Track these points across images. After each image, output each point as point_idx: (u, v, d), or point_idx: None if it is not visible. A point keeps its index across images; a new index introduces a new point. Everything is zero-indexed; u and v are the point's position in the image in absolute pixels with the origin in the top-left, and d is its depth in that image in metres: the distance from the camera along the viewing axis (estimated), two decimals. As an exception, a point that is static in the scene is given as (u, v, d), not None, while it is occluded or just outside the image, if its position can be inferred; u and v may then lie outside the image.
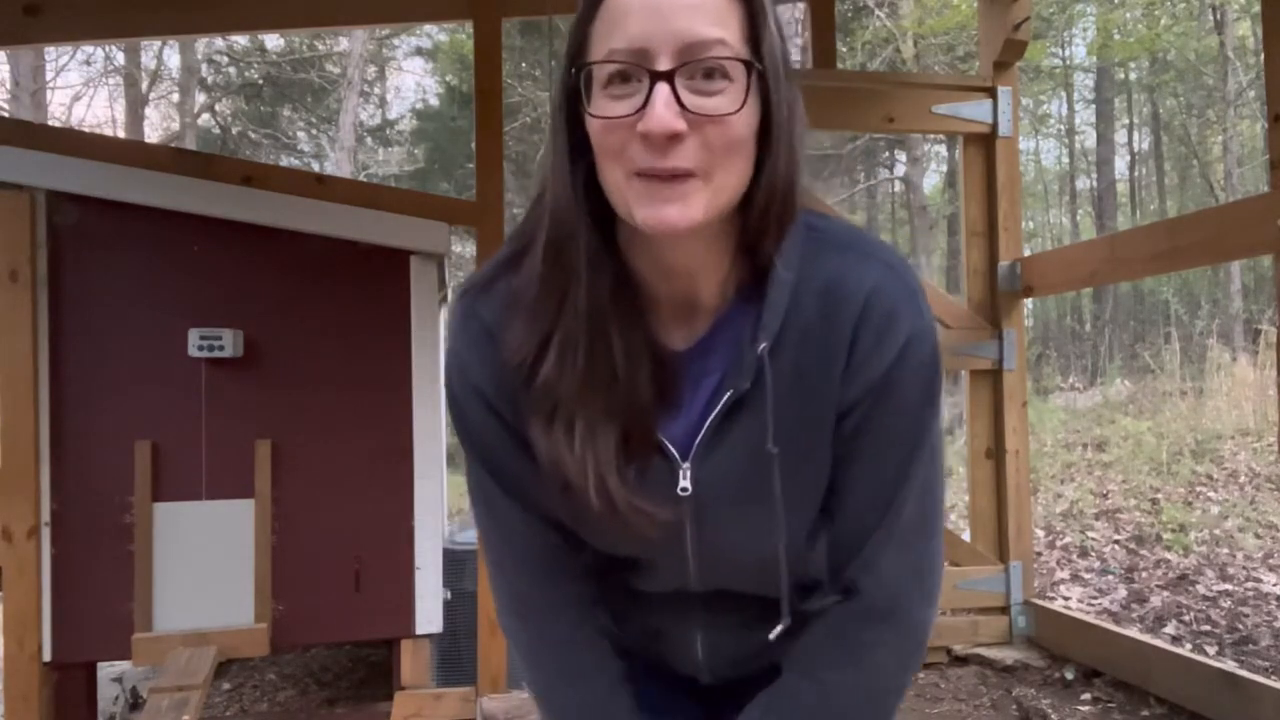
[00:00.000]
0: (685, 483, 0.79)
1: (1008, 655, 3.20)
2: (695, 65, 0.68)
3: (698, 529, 0.82)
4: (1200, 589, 3.98)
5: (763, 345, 0.76)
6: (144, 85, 13.14)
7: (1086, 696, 2.85)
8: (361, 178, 12.95)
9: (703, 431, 0.79)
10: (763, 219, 0.74)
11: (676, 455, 0.79)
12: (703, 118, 0.68)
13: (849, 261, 0.78)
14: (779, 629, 0.84)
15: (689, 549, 0.84)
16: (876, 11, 12.45)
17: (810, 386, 0.78)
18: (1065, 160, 19.41)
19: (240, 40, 12.87)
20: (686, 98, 0.67)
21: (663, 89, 0.67)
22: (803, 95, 0.77)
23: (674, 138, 0.68)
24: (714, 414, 0.78)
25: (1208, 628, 3.54)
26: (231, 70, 13.92)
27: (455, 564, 3.39)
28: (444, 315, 4.39)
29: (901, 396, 0.78)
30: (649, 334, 0.80)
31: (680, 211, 0.69)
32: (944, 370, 0.84)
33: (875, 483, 0.81)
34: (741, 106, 0.69)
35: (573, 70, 0.73)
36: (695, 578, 0.87)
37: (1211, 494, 5.31)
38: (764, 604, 0.85)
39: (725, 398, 0.77)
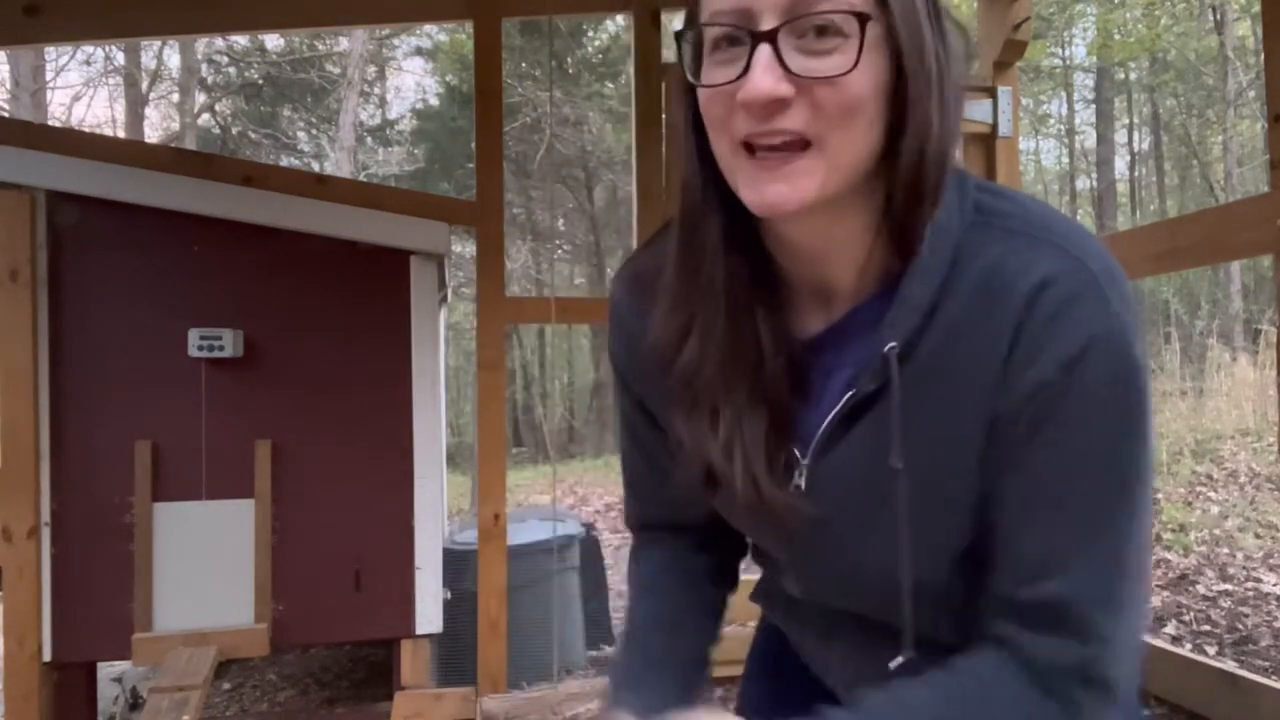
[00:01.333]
0: (799, 480, 0.72)
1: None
2: (803, 22, 0.60)
3: (807, 533, 0.74)
4: (1200, 589, 3.98)
5: (889, 345, 0.65)
6: (144, 85, 13.14)
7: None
8: (361, 178, 12.95)
9: (822, 429, 0.71)
10: (910, 189, 0.64)
11: (796, 451, 0.73)
12: (811, 80, 0.60)
13: (1015, 248, 0.64)
14: (899, 660, 0.71)
15: (797, 552, 0.77)
16: (876, 11, 12.42)
17: (955, 395, 0.65)
18: (1065, 160, 19.43)
19: (240, 40, 12.87)
20: (792, 59, 0.60)
21: (764, 51, 0.60)
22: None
23: (777, 104, 0.60)
24: (833, 413, 0.70)
25: (1208, 628, 3.53)
26: (231, 70, 13.92)
27: (455, 564, 3.39)
28: (444, 315, 4.38)
29: (1086, 416, 0.61)
30: (784, 320, 0.73)
31: (789, 190, 0.62)
32: (1148, 387, 0.64)
33: (1054, 524, 0.63)
34: (854, 65, 0.60)
35: (681, 35, 0.66)
36: (805, 588, 0.81)
37: (1211, 494, 5.32)
38: (892, 633, 0.73)
39: (846, 397, 0.69)
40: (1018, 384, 0.63)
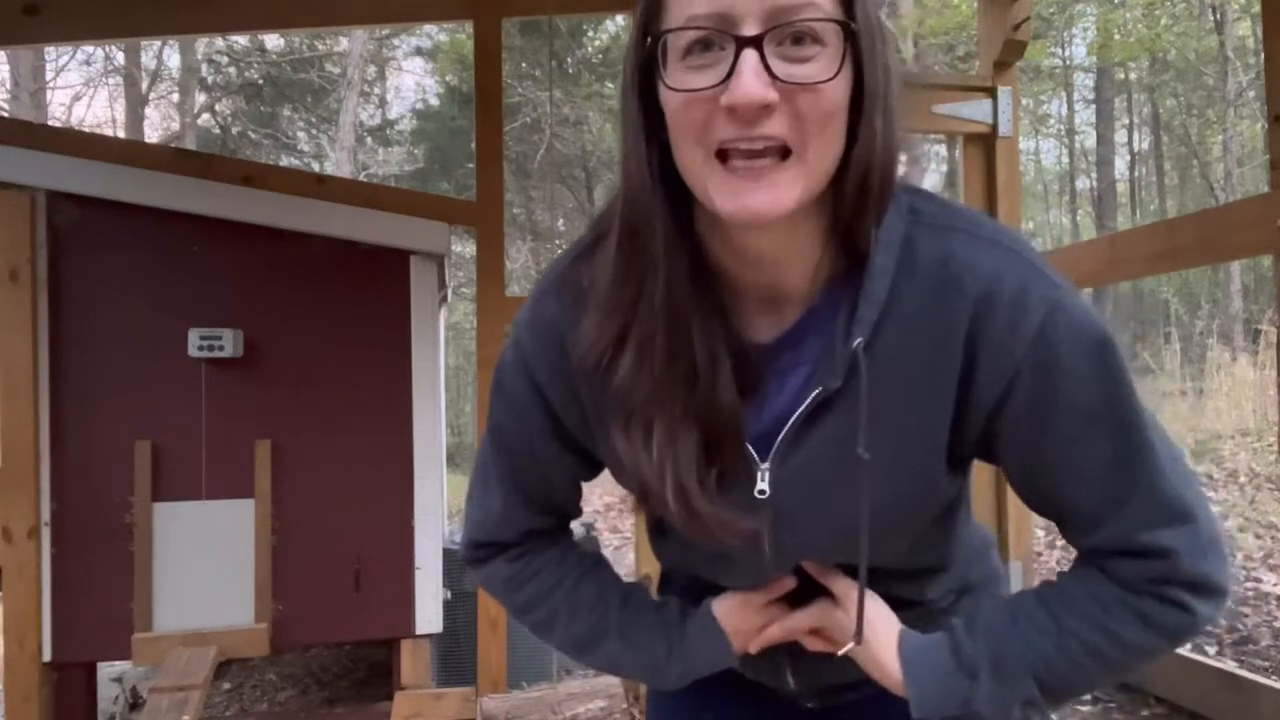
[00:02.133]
0: (763, 485, 0.74)
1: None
2: (785, 29, 0.61)
3: (775, 534, 0.76)
4: (1200, 589, 3.98)
5: (858, 341, 0.68)
6: (144, 85, 13.13)
7: (1086, 696, 2.85)
8: (361, 178, 12.94)
9: (785, 431, 0.72)
10: (860, 198, 0.67)
11: (755, 455, 0.73)
12: (794, 87, 0.61)
13: (958, 245, 0.69)
14: (850, 646, 0.78)
15: (766, 554, 0.78)
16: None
17: (914, 386, 0.70)
18: (1065, 160, 19.42)
19: (240, 40, 12.86)
20: (776, 65, 0.61)
21: (751, 56, 0.60)
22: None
23: (763, 110, 0.61)
24: (799, 412, 0.71)
25: (1208, 628, 3.53)
26: (231, 70, 13.91)
27: (455, 564, 3.39)
28: (444, 315, 4.38)
29: (1071, 375, 0.68)
30: (730, 327, 0.73)
31: (770, 199, 0.63)
32: (1107, 329, 0.71)
33: (1088, 477, 0.71)
34: (836, 73, 0.62)
35: (647, 39, 0.66)
36: (752, 584, 0.83)
37: (1211, 494, 5.32)
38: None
39: (813, 396, 0.70)
40: (995, 372, 0.69)
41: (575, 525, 0.96)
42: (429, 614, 2.97)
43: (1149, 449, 0.70)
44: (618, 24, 13.16)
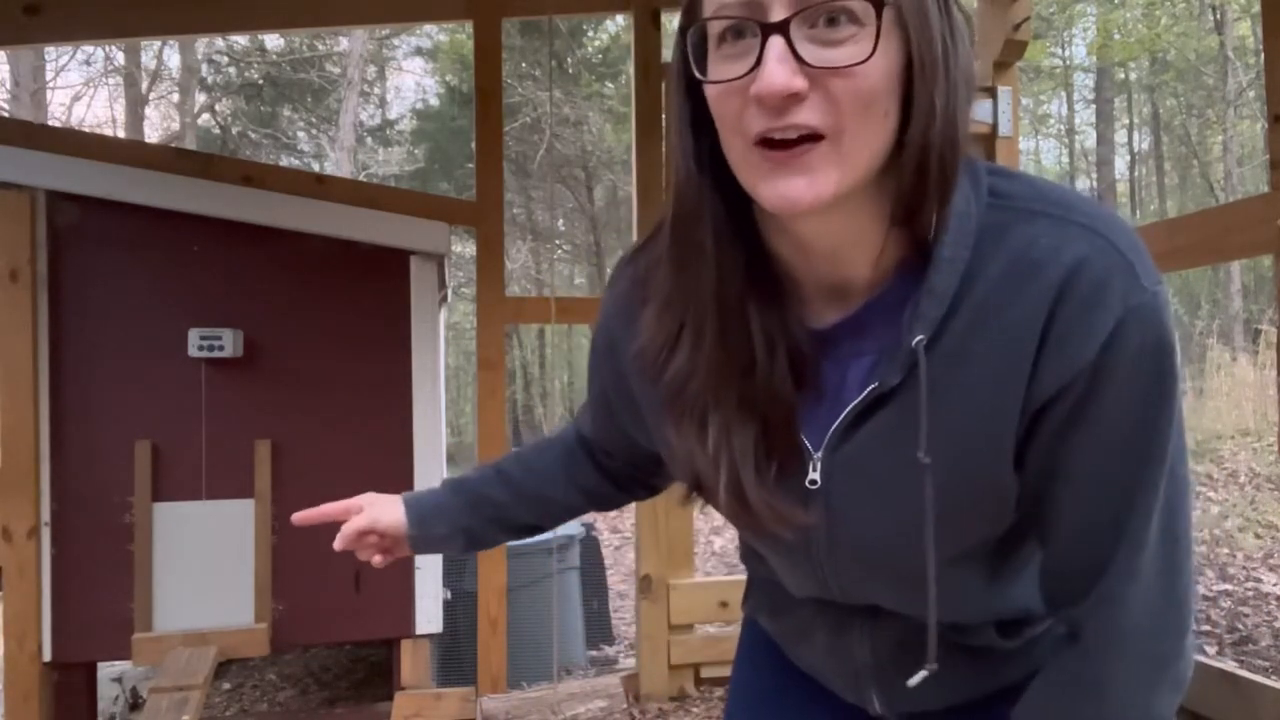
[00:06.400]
0: (815, 474, 0.71)
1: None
2: (814, 11, 0.58)
3: (827, 528, 0.73)
4: (1200, 589, 3.98)
5: (918, 338, 0.64)
6: (144, 85, 13.13)
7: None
8: (361, 178, 12.94)
9: (838, 422, 0.70)
10: (917, 181, 0.62)
11: (809, 445, 0.71)
12: (824, 71, 0.58)
13: (1041, 229, 0.64)
14: (922, 674, 0.71)
15: (819, 549, 0.75)
16: (876, 11, 12.41)
17: (982, 385, 0.65)
18: (1065, 160, 19.43)
19: (240, 40, 12.86)
20: (805, 50, 0.58)
21: (776, 43, 0.58)
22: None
23: (792, 97, 0.58)
24: (853, 404, 0.69)
25: (1208, 628, 3.53)
26: (231, 70, 13.91)
27: (455, 564, 3.39)
28: (444, 315, 4.38)
29: (1121, 388, 0.63)
30: (789, 318, 0.71)
31: (806, 187, 0.60)
32: (1180, 359, 0.67)
33: (1099, 503, 0.66)
34: (871, 54, 0.58)
35: (683, 30, 0.64)
36: (832, 585, 0.78)
37: (1211, 494, 5.32)
38: (924, 630, 0.72)
39: (868, 390, 0.68)
40: (1058, 369, 0.63)
41: (575, 526, 1.03)
42: (429, 614, 2.97)
43: (1154, 489, 0.66)
44: (618, 24, 13.16)
